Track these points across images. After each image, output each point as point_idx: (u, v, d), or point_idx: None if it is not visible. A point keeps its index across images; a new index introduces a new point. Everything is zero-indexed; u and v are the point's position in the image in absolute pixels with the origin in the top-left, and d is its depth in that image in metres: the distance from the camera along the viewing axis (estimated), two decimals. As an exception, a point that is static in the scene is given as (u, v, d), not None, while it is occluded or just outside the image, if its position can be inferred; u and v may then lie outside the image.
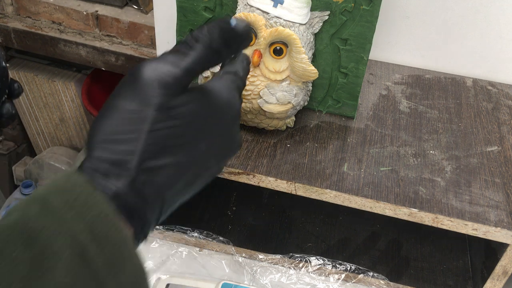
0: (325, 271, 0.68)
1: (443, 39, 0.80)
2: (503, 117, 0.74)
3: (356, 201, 0.60)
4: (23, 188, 1.81)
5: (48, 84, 1.82)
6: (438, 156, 0.66)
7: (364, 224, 0.76)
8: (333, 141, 0.67)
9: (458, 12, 0.77)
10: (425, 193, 0.60)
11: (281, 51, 0.60)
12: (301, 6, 0.60)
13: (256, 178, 0.61)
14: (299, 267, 0.69)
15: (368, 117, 0.71)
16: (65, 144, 2.01)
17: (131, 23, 1.46)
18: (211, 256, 0.70)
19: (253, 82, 0.62)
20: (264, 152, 0.64)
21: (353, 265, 0.68)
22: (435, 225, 0.59)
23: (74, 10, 1.49)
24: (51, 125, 1.96)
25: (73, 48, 1.54)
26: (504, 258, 0.60)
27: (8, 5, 1.55)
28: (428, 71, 0.83)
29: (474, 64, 0.82)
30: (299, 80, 0.63)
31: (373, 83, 0.79)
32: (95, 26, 1.50)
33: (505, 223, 0.57)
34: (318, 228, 0.75)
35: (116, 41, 1.51)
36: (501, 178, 0.63)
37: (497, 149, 0.68)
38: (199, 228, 0.71)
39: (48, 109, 1.90)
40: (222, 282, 0.65)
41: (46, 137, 2.01)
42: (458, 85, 0.80)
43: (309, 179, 0.61)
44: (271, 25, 0.60)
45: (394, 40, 0.82)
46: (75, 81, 1.81)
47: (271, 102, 0.62)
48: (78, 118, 1.91)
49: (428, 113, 0.73)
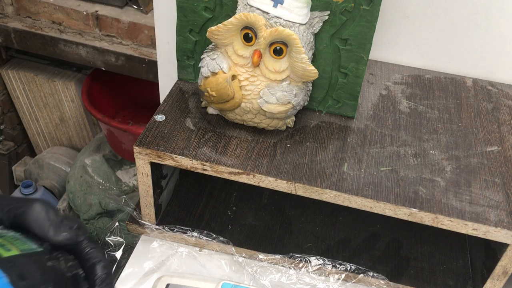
0: (325, 271, 0.68)
1: (443, 39, 0.80)
2: (503, 117, 0.74)
3: (356, 201, 0.60)
4: (23, 188, 1.82)
5: (48, 84, 1.82)
6: (438, 156, 0.66)
7: (364, 224, 0.76)
8: (333, 141, 0.67)
9: (458, 12, 0.77)
10: (425, 193, 0.60)
11: (281, 51, 0.60)
12: (301, 6, 0.60)
13: (256, 178, 0.61)
14: (299, 267, 0.69)
15: (368, 117, 0.71)
16: (65, 144, 2.01)
17: (131, 23, 1.46)
18: (211, 256, 0.70)
19: (253, 82, 0.62)
20: (264, 152, 0.64)
21: (353, 265, 0.68)
22: (435, 225, 0.59)
23: (74, 10, 1.49)
24: (51, 125, 1.96)
25: (73, 48, 1.54)
26: (504, 258, 0.60)
27: (8, 5, 1.55)
28: (428, 71, 0.83)
29: (474, 64, 0.82)
30: (299, 80, 0.63)
31: (373, 83, 0.79)
32: (95, 26, 1.50)
33: (505, 223, 0.57)
34: (318, 228, 0.75)
35: (116, 41, 1.51)
36: (501, 178, 0.63)
37: (497, 149, 0.68)
38: (199, 228, 0.71)
39: (48, 109, 1.91)
40: (222, 282, 0.65)
41: (46, 137, 2.01)
42: (458, 85, 0.80)
43: (309, 179, 0.61)
44: (271, 25, 0.60)
45: (394, 40, 0.82)
46: (75, 81, 1.81)
47: (271, 102, 0.62)
48: (78, 118, 1.91)
49: (428, 113, 0.73)
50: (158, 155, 0.62)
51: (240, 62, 0.62)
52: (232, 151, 0.63)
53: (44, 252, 0.37)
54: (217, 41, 0.62)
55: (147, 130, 0.64)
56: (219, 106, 0.64)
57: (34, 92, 1.86)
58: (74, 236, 0.38)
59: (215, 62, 0.62)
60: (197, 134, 0.65)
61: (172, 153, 0.62)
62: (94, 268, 0.38)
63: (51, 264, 0.37)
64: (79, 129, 1.95)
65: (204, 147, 0.63)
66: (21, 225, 0.38)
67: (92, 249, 0.38)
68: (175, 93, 0.72)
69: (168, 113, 0.68)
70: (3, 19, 1.57)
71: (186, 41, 0.70)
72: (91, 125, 1.95)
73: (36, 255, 0.37)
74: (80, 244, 0.38)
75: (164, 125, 0.66)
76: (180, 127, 0.66)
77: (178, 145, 0.63)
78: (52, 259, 0.37)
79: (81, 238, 0.39)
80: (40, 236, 0.37)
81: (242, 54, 0.61)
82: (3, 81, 1.86)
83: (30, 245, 0.37)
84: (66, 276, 0.37)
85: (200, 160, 0.61)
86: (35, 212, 0.38)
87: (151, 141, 0.63)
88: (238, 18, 0.59)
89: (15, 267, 0.34)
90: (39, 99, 1.88)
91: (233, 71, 0.62)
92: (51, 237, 0.37)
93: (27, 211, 0.37)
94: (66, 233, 0.38)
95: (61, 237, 0.38)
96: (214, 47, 0.63)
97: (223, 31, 0.60)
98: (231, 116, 0.66)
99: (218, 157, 0.62)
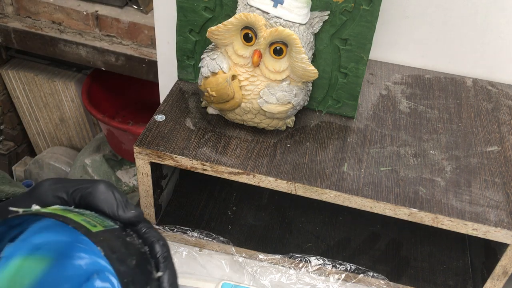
0: (325, 271, 0.68)
1: (443, 39, 0.80)
2: (503, 117, 0.74)
3: (356, 201, 0.60)
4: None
5: (48, 84, 1.82)
6: (438, 156, 0.66)
7: (364, 224, 0.76)
8: (333, 141, 0.67)
9: (458, 12, 0.77)
10: (425, 193, 0.60)
11: (281, 51, 0.60)
12: (301, 6, 0.60)
13: (256, 178, 0.61)
14: (299, 267, 0.69)
15: (368, 117, 0.71)
16: (65, 144, 2.01)
17: (131, 23, 1.46)
18: (211, 256, 0.70)
19: (253, 82, 0.62)
20: (264, 152, 0.64)
21: (353, 265, 0.68)
22: (435, 225, 0.59)
23: (74, 10, 1.49)
24: (51, 125, 1.96)
25: (73, 48, 1.54)
26: (504, 258, 0.60)
27: (8, 5, 1.55)
28: (428, 71, 0.83)
29: (474, 64, 0.82)
30: (299, 80, 0.63)
31: (373, 83, 0.79)
32: (95, 26, 1.50)
33: (505, 223, 0.57)
34: (318, 228, 0.75)
35: (116, 41, 1.51)
36: (501, 178, 0.63)
37: (497, 149, 0.68)
38: (199, 228, 0.71)
39: (48, 109, 1.91)
40: (222, 282, 0.65)
41: (46, 137, 2.01)
42: (458, 85, 0.80)
43: (309, 179, 0.61)
44: (271, 25, 0.60)
45: (394, 40, 0.82)
46: (75, 81, 1.81)
47: (271, 102, 0.62)
48: (78, 118, 1.91)
49: (428, 113, 0.73)
50: (158, 155, 0.62)
51: (240, 62, 0.62)
52: (232, 151, 0.63)
53: (120, 228, 0.38)
54: (217, 41, 0.62)
55: (147, 130, 0.64)
56: (219, 106, 0.64)
57: (34, 92, 1.86)
58: (141, 214, 0.39)
59: (215, 62, 0.62)
60: (197, 134, 0.65)
61: (172, 153, 0.62)
62: (154, 246, 0.39)
63: (129, 240, 0.38)
64: (79, 129, 1.95)
65: (204, 147, 0.63)
66: (89, 204, 0.38)
67: (149, 228, 0.39)
68: (175, 93, 0.72)
69: (168, 113, 0.68)
70: (3, 19, 1.57)
71: (186, 41, 0.70)
72: (91, 125, 1.95)
73: (116, 230, 0.38)
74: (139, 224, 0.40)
75: (164, 125, 0.66)
76: (180, 127, 0.66)
77: (178, 145, 0.63)
78: (128, 235, 0.38)
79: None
80: (109, 214, 0.38)
81: (242, 54, 0.61)
82: (3, 81, 1.86)
83: (108, 222, 0.38)
84: (141, 252, 0.38)
85: (200, 160, 0.61)
86: (101, 192, 0.38)
87: (151, 141, 0.63)
88: (238, 18, 0.59)
89: (105, 241, 0.35)
90: (39, 99, 1.88)
91: (233, 71, 0.62)
92: (121, 215, 0.38)
93: (93, 191, 0.38)
94: (134, 211, 0.39)
95: (130, 214, 0.39)
96: (214, 47, 0.63)
97: (223, 31, 0.60)
98: (231, 116, 0.66)
99: (218, 157, 0.62)
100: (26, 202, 0.38)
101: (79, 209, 0.39)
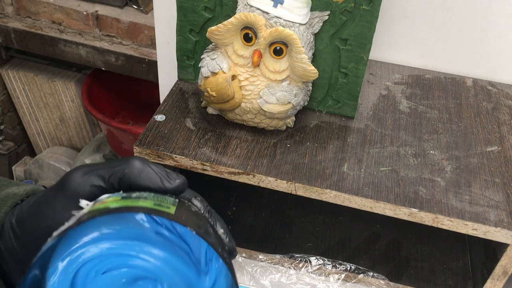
0: (325, 271, 0.68)
1: (443, 39, 0.80)
2: (503, 117, 0.74)
3: (356, 201, 0.60)
4: (23, 188, 1.81)
5: (48, 84, 1.82)
6: (438, 156, 0.66)
7: (364, 224, 0.76)
8: (333, 141, 0.67)
9: (458, 12, 0.77)
10: (425, 193, 0.60)
11: (281, 51, 0.60)
12: (301, 6, 0.60)
13: (256, 178, 0.61)
14: (299, 267, 0.69)
15: (368, 117, 0.71)
16: (65, 144, 2.01)
17: (131, 23, 1.46)
18: (211, 256, 0.70)
19: (253, 82, 0.62)
20: (264, 152, 0.64)
21: (353, 265, 0.68)
22: (435, 225, 0.59)
23: (74, 10, 1.49)
24: (51, 125, 1.96)
25: (73, 48, 1.54)
26: (504, 258, 0.60)
27: (8, 5, 1.55)
28: (428, 71, 0.83)
29: (474, 64, 0.82)
30: (299, 80, 0.63)
31: (373, 83, 0.79)
32: (95, 26, 1.50)
33: (505, 223, 0.57)
34: (318, 228, 0.75)
35: (116, 41, 1.51)
36: (501, 178, 0.63)
37: (497, 149, 0.68)
38: (199, 228, 0.71)
39: (48, 109, 1.90)
40: (222, 282, 0.65)
41: (46, 137, 2.01)
42: (458, 85, 0.80)
43: (309, 179, 0.61)
44: (271, 25, 0.60)
45: (394, 40, 0.82)
46: (75, 81, 1.81)
47: (271, 102, 0.62)
48: (78, 118, 1.91)
49: (428, 113, 0.73)
50: (158, 155, 0.62)
51: (240, 62, 0.62)
52: (232, 151, 0.63)
53: (180, 201, 0.37)
54: (217, 41, 0.62)
55: (147, 130, 0.64)
56: (219, 106, 0.64)
57: (34, 92, 1.86)
58: (184, 179, 0.38)
59: (215, 62, 0.62)
60: (197, 134, 0.65)
61: (172, 153, 0.62)
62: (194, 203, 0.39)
63: (194, 210, 0.37)
64: (79, 129, 1.95)
65: (204, 147, 0.63)
66: (131, 184, 0.36)
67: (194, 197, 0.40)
68: (175, 93, 0.72)
69: (168, 113, 0.68)
70: (3, 19, 1.57)
71: (186, 41, 0.70)
72: (91, 125, 1.95)
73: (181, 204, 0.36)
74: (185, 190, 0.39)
75: (164, 125, 0.66)
76: (180, 127, 0.66)
77: (178, 145, 0.63)
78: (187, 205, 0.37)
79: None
80: (154, 189, 0.36)
81: (242, 54, 0.61)
82: (3, 81, 1.86)
83: (167, 198, 0.36)
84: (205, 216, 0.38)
85: (200, 160, 0.61)
86: (139, 170, 0.36)
87: (151, 141, 0.63)
88: (238, 18, 0.59)
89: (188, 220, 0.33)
90: (39, 99, 1.88)
91: (233, 71, 0.62)
92: (168, 187, 0.37)
93: (130, 170, 0.36)
94: (179, 180, 0.37)
95: (177, 183, 0.37)
96: (214, 47, 0.63)
97: (223, 31, 0.60)
98: (231, 116, 0.66)
99: (218, 157, 0.62)
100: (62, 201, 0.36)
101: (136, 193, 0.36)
